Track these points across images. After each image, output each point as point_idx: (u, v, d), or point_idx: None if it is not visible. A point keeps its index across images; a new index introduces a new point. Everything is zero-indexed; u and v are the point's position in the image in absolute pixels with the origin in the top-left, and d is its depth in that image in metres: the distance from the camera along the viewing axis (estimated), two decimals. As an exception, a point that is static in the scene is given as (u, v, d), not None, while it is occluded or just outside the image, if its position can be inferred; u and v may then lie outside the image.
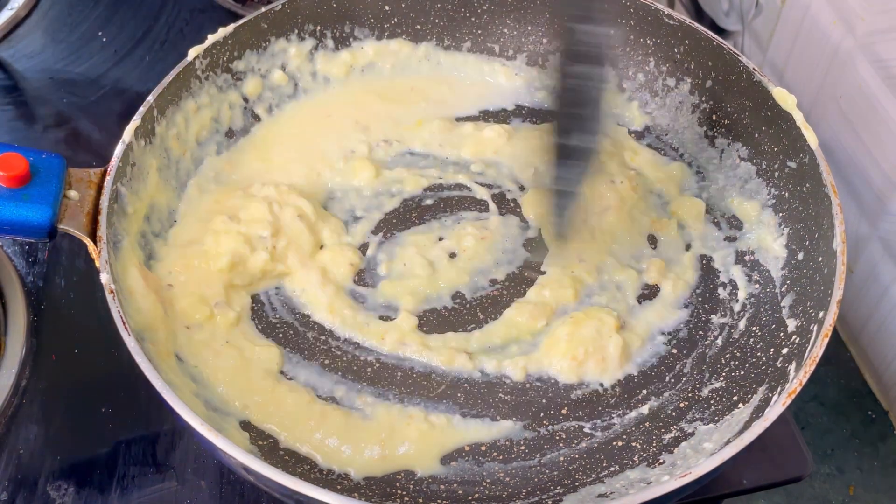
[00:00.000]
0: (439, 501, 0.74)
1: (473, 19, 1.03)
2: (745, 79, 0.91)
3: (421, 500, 0.74)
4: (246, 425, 0.77)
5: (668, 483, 0.65)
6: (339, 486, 0.74)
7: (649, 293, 0.88)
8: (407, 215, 0.93)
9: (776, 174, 0.90)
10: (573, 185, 0.84)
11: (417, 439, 0.78)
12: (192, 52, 0.90)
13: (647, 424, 0.79)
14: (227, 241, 0.85)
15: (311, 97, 1.00)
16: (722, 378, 0.82)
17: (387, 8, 1.01)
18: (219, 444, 0.66)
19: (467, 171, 0.97)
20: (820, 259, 0.81)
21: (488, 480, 0.76)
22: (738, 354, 0.83)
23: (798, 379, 0.71)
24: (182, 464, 0.82)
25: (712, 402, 0.80)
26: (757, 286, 0.88)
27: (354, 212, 0.93)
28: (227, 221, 0.87)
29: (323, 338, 0.85)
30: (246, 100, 0.97)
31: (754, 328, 0.85)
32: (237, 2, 1.22)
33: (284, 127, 0.99)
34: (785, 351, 0.80)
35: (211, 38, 0.91)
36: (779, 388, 0.76)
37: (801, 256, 0.85)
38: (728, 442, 0.70)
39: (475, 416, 0.80)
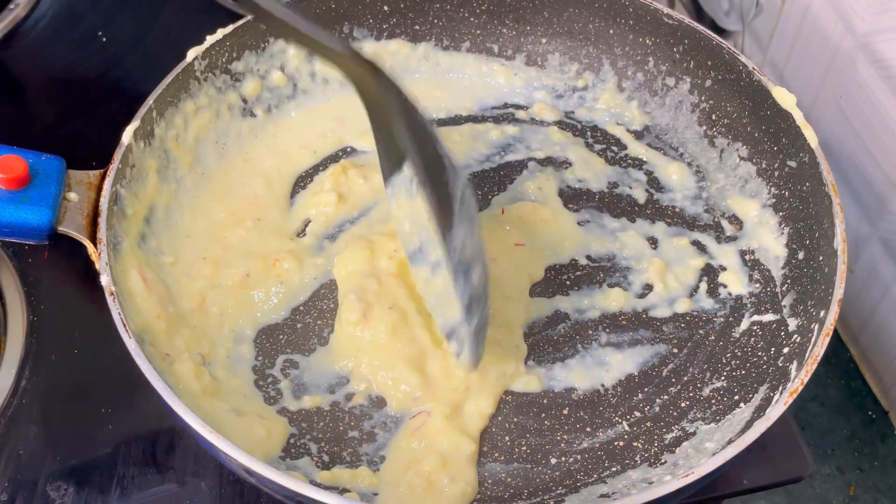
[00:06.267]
0: (440, 502, 0.74)
1: (472, 19, 1.02)
2: (744, 78, 0.91)
3: (422, 501, 0.74)
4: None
5: (671, 483, 0.65)
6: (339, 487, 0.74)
7: (649, 293, 0.88)
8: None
9: (776, 173, 0.90)
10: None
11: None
12: (191, 54, 0.90)
13: (648, 424, 0.79)
14: None
15: (309, 97, 1.00)
16: (723, 378, 0.82)
17: (386, 8, 1.00)
18: (219, 445, 0.66)
19: None
20: (821, 258, 0.81)
21: (490, 481, 0.76)
22: (739, 354, 0.83)
23: (799, 378, 0.71)
24: (182, 464, 0.82)
25: (713, 401, 0.80)
26: (757, 285, 0.88)
27: None
28: None
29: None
30: (245, 101, 0.96)
31: (755, 328, 0.85)
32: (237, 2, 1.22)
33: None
34: (786, 350, 0.80)
35: (210, 39, 0.91)
36: (780, 388, 0.76)
37: (801, 256, 0.85)
38: (730, 441, 0.70)
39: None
